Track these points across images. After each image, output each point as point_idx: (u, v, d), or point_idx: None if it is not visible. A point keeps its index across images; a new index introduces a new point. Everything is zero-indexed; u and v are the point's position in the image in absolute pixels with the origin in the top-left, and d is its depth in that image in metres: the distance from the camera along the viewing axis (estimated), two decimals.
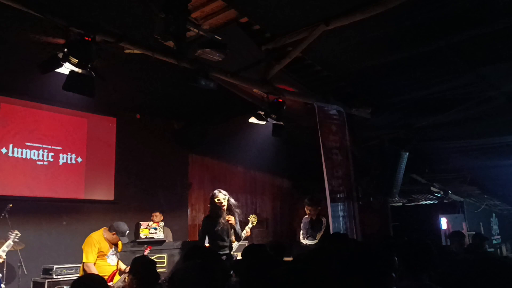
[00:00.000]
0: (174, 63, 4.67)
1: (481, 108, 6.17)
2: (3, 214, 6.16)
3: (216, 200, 5.59)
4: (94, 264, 5.23)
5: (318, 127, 6.08)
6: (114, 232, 5.35)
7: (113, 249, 5.44)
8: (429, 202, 10.18)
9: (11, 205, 6.22)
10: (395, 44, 5.21)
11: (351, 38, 5.13)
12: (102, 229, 5.47)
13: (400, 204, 10.42)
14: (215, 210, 5.56)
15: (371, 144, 6.72)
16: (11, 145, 6.90)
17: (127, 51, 4.39)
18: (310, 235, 6.25)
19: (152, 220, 7.55)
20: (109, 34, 3.98)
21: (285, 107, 5.54)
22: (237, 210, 5.66)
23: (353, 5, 4.38)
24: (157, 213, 7.77)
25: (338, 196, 6.09)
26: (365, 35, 5.04)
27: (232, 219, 5.53)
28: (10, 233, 4.86)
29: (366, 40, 5.17)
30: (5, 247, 4.61)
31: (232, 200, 5.67)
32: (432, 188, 9.00)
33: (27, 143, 7.08)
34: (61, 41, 3.75)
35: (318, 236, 6.10)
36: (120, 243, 5.55)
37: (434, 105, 6.28)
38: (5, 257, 4.57)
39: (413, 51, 5.27)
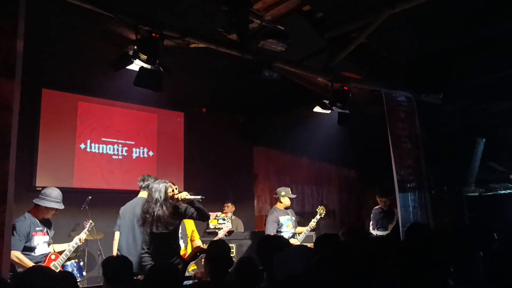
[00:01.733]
0: (237, 56, 4.71)
1: None
2: (83, 206, 6.59)
3: None
4: None
5: (385, 114, 5.89)
6: None
7: (179, 233, 5.66)
8: (508, 191, 9.51)
9: (90, 197, 6.62)
10: (467, 24, 4.91)
11: (418, 20, 4.90)
12: None
13: (476, 193, 9.83)
14: None
15: (443, 131, 6.38)
16: (88, 141, 7.35)
17: (193, 45, 4.50)
18: (381, 225, 6.08)
19: (223, 211, 7.72)
20: (175, 30, 4.10)
21: (350, 95, 5.42)
22: None
23: None
24: (229, 204, 7.92)
25: (408, 185, 5.86)
26: (434, 16, 4.79)
27: None
28: (85, 222, 5.20)
29: (434, 22, 4.92)
30: (82, 234, 4.95)
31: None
32: (511, 177, 8.40)
33: (103, 139, 7.50)
34: (131, 38, 3.91)
35: (390, 227, 5.92)
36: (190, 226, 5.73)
37: (511, 88, 5.85)
38: (81, 242, 4.92)
39: (486, 31, 4.94)
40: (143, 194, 5.29)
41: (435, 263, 2.51)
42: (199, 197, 4.53)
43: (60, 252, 4.74)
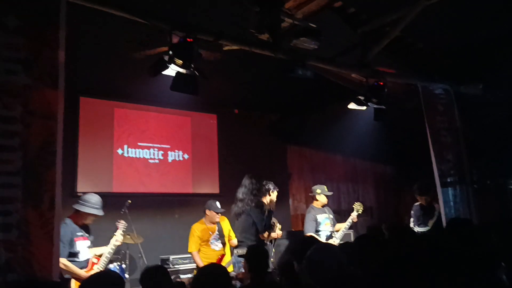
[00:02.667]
0: (270, 56, 4.71)
1: None
2: (123, 210, 6.72)
3: None
4: (199, 251, 5.65)
5: (423, 108, 5.76)
6: (207, 210, 5.69)
7: (216, 233, 5.72)
8: None
9: (129, 201, 6.74)
10: (507, 12, 4.74)
11: (454, 10, 4.76)
12: (202, 218, 5.80)
13: None
14: None
15: (485, 123, 6.16)
16: (125, 146, 7.50)
17: (226, 48, 4.52)
18: (421, 222, 5.95)
19: None
20: (208, 33, 4.13)
21: (386, 90, 5.32)
22: None
23: None
24: None
25: (449, 180, 5.71)
26: (470, 5, 4.64)
27: None
28: (117, 222, 5.27)
29: (470, 11, 4.77)
30: (118, 235, 5.03)
31: None
32: None
33: (139, 143, 7.64)
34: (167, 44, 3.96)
35: (431, 223, 5.79)
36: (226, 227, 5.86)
37: None
38: (119, 243, 5.01)
39: None
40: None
41: (481, 259, 2.43)
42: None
43: (100, 255, 4.81)
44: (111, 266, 5.86)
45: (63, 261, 4.26)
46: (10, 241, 2.94)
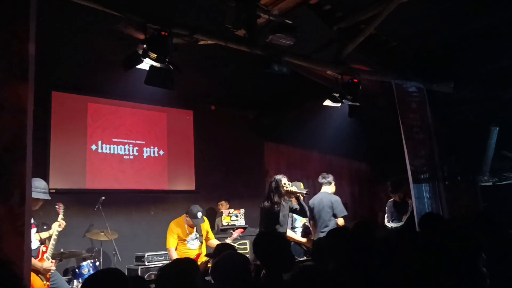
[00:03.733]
0: (246, 51, 4.70)
1: None
2: (97, 207, 6.63)
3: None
4: (176, 249, 5.61)
5: (396, 105, 5.85)
6: (187, 216, 5.64)
7: (194, 234, 5.71)
8: None
9: (103, 198, 6.66)
10: (477, 10, 4.85)
11: (427, 9, 4.85)
12: (183, 215, 5.78)
13: (490, 183, 9.73)
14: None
15: (456, 120, 6.31)
16: (99, 142, 7.39)
17: (201, 42, 4.49)
18: (395, 218, 6.05)
19: (219, 209, 7.76)
20: (183, 27, 4.09)
21: (361, 87, 5.38)
22: None
23: None
24: (223, 202, 7.95)
25: (422, 176, 5.82)
26: (442, 4, 4.74)
27: None
28: (56, 206, 5.18)
29: (444, 9, 4.87)
30: (59, 219, 4.97)
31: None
32: None
33: (113, 139, 7.54)
34: (140, 37, 3.91)
35: (404, 218, 5.89)
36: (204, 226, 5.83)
37: None
38: (60, 228, 4.96)
39: (498, 16, 4.88)
40: (326, 188, 6.45)
41: (459, 251, 2.48)
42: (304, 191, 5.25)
43: (45, 241, 4.79)
44: (85, 263, 5.77)
45: None
46: None
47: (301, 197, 5.24)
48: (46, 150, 6.85)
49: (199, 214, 5.65)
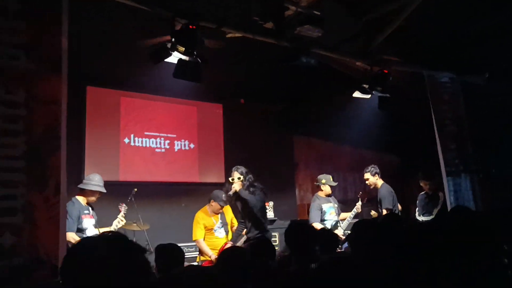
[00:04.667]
0: (274, 44, 4.71)
1: None
2: (130, 198, 6.79)
3: None
4: (204, 239, 5.69)
5: (428, 97, 5.73)
6: (213, 201, 5.67)
7: (220, 222, 5.76)
8: None
9: (136, 190, 6.81)
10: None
11: None
12: (206, 205, 5.84)
13: None
14: None
15: (489, 113, 6.13)
16: (132, 135, 7.55)
17: (229, 35, 4.53)
18: (426, 211, 5.94)
19: None
20: (211, 21, 4.14)
21: (390, 78, 5.30)
22: None
23: None
24: None
25: (454, 169, 5.69)
26: None
27: None
28: (120, 205, 5.41)
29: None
30: (120, 217, 5.17)
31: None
32: None
33: (145, 133, 7.69)
34: (169, 31, 3.99)
35: (435, 211, 5.78)
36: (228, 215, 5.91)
37: None
38: (120, 225, 5.17)
39: None
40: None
41: (483, 244, 2.44)
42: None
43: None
44: None
45: (73, 236, 4.44)
46: (15, 225, 3.00)
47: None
48: (82, 143, 7.06)
49: (224, 197, 5.73)
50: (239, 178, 5.20)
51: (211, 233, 5.77)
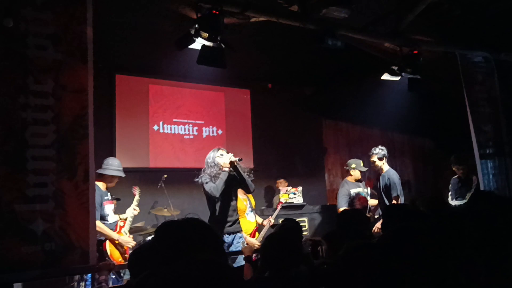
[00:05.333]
0: (300, 27, 4.62)
1: None
2: (160, 184, 6.91)
3: None
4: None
5: (461, 77, 5.52)
6: None
7: (248, 206, 5.78)
8: None
9: (165, 176, 6.92)
10: None
11: None
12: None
13: None
14: None
15: None
16: (161, 122, 7.65)
17: (253, 19, 4.47)
18: (459, 195, 5.77)
19: (277, 187, 7.76)
20: (234, 5, 4.10)
21: (421, 59, 5.12)
22: None
23: None
24: (282, 180, 7.92)
25: (488, 152, 5.49)
26: None
27: None
28: (133, 189, 5.37)
29: None
30: (135, 201, 5.16)
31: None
32: None
33: (174, 120, 7.77)
34: (193, 16, 3.97)
35: (468, 195, 5.61)
36: (253, 201, 5.87)
37: None
38: (137, 210, 5.14)
39: None
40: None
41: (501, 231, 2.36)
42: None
43: (125, 219, 4.98)
44: (150, 238, 6.07)
45: (97, 223, 4.44)
46: (47, 212, 3.09)
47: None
48: (112, 131, 7.20)
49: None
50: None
51: (243, 217, 5.76)
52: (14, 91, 3.01)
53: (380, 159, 5.97)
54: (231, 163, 4.55)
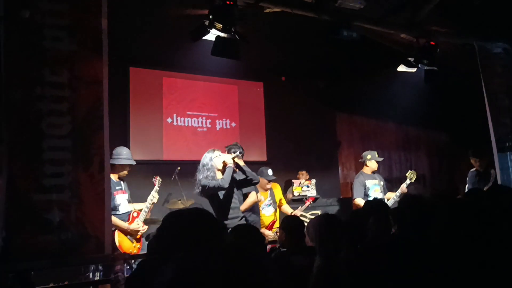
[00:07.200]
0: (314, 18, 4.57)
1: None
2: (173, 177, 6.93)
3: None
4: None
5: (479, 69, 5.41)
6: (260, 178, 5.63)
7: (268, 199, 5.75)
8: None
9: (179, 168, 6.94)
10: None
11: None
12: None
13: None
14: None
15: None
16: (174, 115, 7.67)
17: (267, 10, 4.44)
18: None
19: (298, 179, 7.72)
20: None
21: (438, 50, 5.04)
22: None
23: None
24: (303, 172, 7.88)
25: (507, 145, 5.39)
26: None
27: None
28: (154, 179, 5.35)
29: None
30: (154, 192, 5.13)
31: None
32: None
33: (188, 112, 7.78)
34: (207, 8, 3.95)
35: (486, 189, 5.52)
36: (278, 192, 5.90)
37: None
38: (155, 199, 5.11)
39: None
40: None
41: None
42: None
43: (140, 210, 4.93)
44: None
45: None
46: (63, 201, 3.11)
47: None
48: (126, 123, 7.23)
49: (270, 171, 5.69)
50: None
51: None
52: (30, 82, 3.03)
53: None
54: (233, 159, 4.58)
